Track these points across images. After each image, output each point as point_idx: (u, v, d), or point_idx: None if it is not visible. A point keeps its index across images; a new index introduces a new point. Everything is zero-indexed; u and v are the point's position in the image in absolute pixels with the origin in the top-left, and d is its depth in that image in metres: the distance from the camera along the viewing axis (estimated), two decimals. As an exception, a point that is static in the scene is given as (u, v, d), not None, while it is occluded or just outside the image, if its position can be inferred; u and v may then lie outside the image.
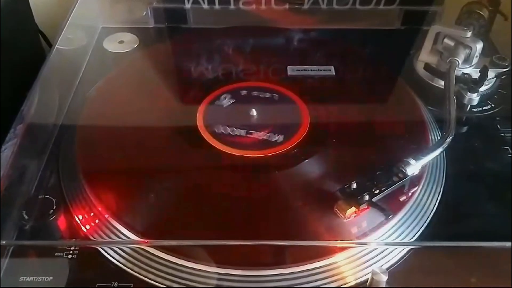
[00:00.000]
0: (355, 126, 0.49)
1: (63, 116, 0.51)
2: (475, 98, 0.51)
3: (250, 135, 0.47)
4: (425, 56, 0.56)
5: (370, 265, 0.38)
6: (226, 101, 0.51)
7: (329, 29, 0.63)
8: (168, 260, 0.37)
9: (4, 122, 0.44)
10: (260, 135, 0.47)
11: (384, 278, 0.34)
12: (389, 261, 0.38)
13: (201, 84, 0.54)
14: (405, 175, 0.41)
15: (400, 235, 0.40)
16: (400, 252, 0.39)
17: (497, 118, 0.51)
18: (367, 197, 0.39)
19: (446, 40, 0.54)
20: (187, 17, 0.63)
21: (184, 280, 0.37)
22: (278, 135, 0.47)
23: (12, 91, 0.54)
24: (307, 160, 0.45)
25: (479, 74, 0.51)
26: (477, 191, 0.44)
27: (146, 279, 0.37)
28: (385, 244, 0.39)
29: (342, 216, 0.39)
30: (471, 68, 0.53)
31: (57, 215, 0.40)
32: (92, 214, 0.41)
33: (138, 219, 0.40)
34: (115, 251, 0.38)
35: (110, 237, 0.39)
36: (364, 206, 0.39)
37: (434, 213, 0.42)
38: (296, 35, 0.61)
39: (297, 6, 0.63)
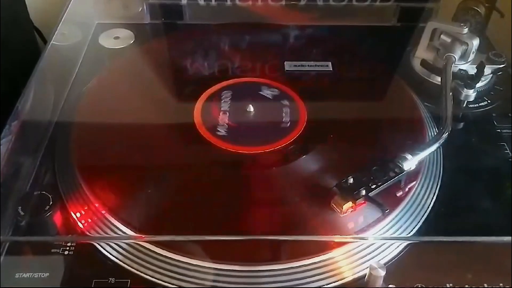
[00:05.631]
0: (352, 121, 0.49)
1: (59, 112, 0.51)
2: (471, 94, 0.51)
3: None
4: (421, 52, 0.56)
5: (368, 260, 0.38)
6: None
7: (325, 26, 0.63)
8: (165, 256, 0.37)
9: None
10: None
11: (382, 273, 0.34)
12: (386, 256, 0.38)
13: (198, 80, 0.54)
14: (402, 170, 0.41)
15: (397, 230, 0.40)
16: (397, 247, 0.39)
17: (494, 114, 0.52)
18: (363, 192, 0.39)
19: (442, 37, 0.54)
20: (183, 13, 0.63)
21: (181, 276, 0.37)
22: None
23: (7, 88, 0.53)
24: (304, 156, 0.45)
25: (476, 70, 0.51)
26: (474, 186, 0.45)
27: (143, 275, 0.37)
28: (383, 239, 0.39)
29: (339, 211, 0.39)
30: (468, 64, 0.53)
31: (53, 211, 0.40)
32: (88, 210, 0.41)
33: (134, 215, 0.40)
34: (112, 247, 0.38)
35: (106, 233, 0.39)
36: (360, 201, 0.39)
37: (431, 208, 0.42)
38: (292, 32, 0.61)
39: (293, 3, 0.63)
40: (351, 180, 0.40)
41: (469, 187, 0.44)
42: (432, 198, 0.43)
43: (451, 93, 0.48)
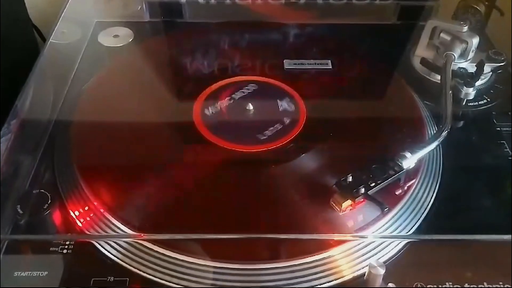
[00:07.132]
0: (351, 120, 0.49)
1: (58, 110, 0.50)
2: (471, 92, 0.51)
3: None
4: (421, 50, 0.56)
5: (367, 259, 0.38)
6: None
7: (325, 24, 0.63)
8: (163, 254, 0.37)
9: (-1, 118, 0.44)
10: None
11: (381, 271, 0.34)
12: (386, 254, 0.38)
13: (197, 78, 0.54)
14: (401, 169, 0.41)
15: (397, 229, 0.40)
16: (397, 245, 0.39)
17: (493, 113, 0.51)
18: (363, 190, 0.39)
19: (442, 35, 0.54)
20: (183, 11, 0.63)
21: (180, 274, 0.36)
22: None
23: (6, 86, 0.53)
24: (303, 154, 0.44)
25: (476, 68, 0.51)
26: (473, 185, 0.44)
27: (142, 274, 0.37)
28: (382, 238, 0.39)
29: (338, 209, 0.39)
30: (467, 62, 0.53)
31: (52, 209, 0.40)
32: (87, 208, 0.41)
33: (133, 213, 0.40)
34: (110, 246, 0.38)
35: (105, 232, 0.39)
36: (360, 199, 0.39)
37: (430, 207, 0.42)
38: (292, 30, 0.61)
39: (293, 1, 0.63)
40: (350, 178, 0.40)
41: (469, 185, 0.44)
42: (432, 196, 0.43)
43: (450, 92, 0.48)
